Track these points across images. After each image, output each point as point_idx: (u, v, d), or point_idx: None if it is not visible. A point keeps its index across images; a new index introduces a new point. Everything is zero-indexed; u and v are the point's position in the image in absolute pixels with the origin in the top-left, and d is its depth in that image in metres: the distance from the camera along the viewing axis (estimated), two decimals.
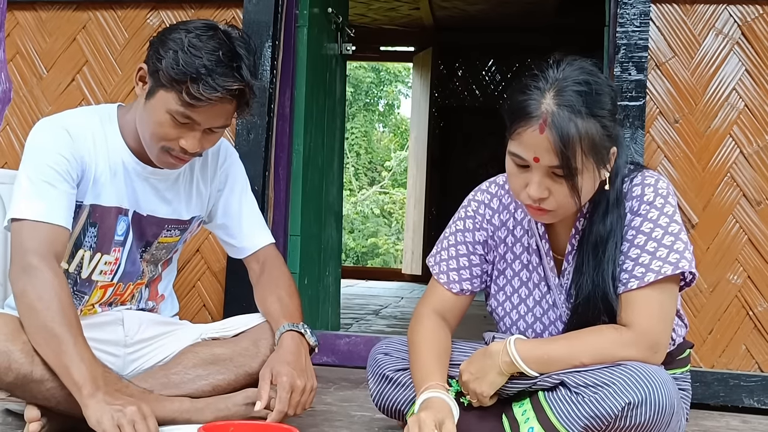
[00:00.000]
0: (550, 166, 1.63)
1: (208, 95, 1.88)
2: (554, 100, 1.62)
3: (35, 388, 1.84)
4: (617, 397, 1.59)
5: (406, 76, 15.16)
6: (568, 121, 1.60)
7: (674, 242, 1.71)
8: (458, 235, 1.96)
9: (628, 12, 2.78)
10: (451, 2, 7.39)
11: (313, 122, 3.46)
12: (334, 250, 4.00)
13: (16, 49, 3.28)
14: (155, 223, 2.14)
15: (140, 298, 2.24)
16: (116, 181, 2.07)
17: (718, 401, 2.64)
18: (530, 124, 1.63)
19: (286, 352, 1.99)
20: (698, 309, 2.72)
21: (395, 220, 14.91)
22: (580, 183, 1.64)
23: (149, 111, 1.97)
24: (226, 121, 1.99)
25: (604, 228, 1.73)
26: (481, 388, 1.76)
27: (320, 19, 3.56)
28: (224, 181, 2.25)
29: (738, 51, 2.77)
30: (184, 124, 1.94)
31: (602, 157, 1.66)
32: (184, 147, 1.96)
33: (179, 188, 2.17)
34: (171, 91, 1.91)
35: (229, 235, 2.27)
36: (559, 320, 1.85)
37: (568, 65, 1.67)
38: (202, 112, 1.92)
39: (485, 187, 1.98)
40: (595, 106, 1.63)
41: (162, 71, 1.90)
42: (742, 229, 2.73)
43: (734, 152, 2.76)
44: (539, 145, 1.62)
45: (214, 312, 3.05)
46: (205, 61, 1.88)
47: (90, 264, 2.10)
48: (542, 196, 1.66)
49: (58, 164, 1.96)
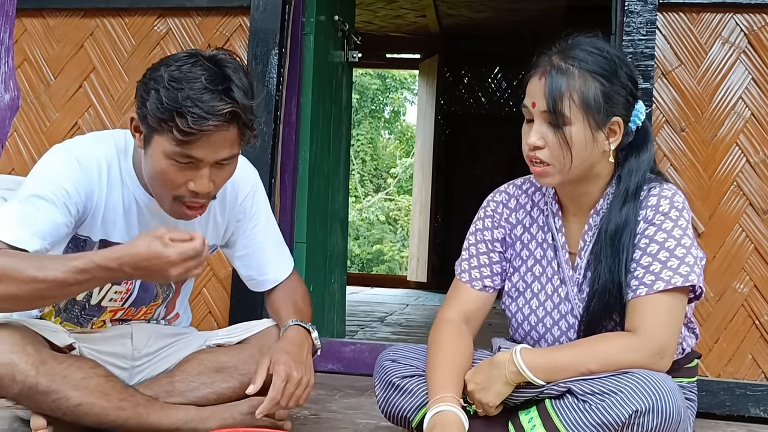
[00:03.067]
0: (542, 111, 1.76)
1: (199, 127, 1.74)
2: (559, 55, 1.79)
3: (41, 399, 1.84)
4: (625, 404, 1.59)
5: (412, 83, 15.17)
6: (564, 71, 1.75)
7: (685, 255, 1.73)
8: (478, 234, 2.01)
9: (634, 20, 2.78)
10: (457, 10, 7.40)
11: (319, 129, 3.46)
12: (340, 257, 3.99)
13: (24, 56, 3.30)
14: None
15: (157, 317, 2.23)
16: (129, 217, 2.00)
17: (725, 411, 2.63)
18: (535, 73, 1.80)
19: (289, 343, 1.99)
20: (704, 318, 2.71)
21: (401, 227, 14.90)
22: (569, 133, 1.74)
23: (150, 161, 1.85)
24: (231, 151, 1.84)
25: (621, 217, 1.78)
26: (487, 398, 1.76)
27: (327, 27, 3.57)
28: (245, 213, 2.17)
29: (744, 60, 2.77)
30: (187, 164, 1.81)
31: (595, 117, 1.75)
32: (194, 190, 1.83)
33: (194, 222, 2.05)
34: (163, 133, 1.78)
35: (247, 267, 2.23)
36: (570, 314, 1.86)
37: (583, 35, 1.82)
38: (201, 146, 1.78)
39: (503, 188, 2.04)
40: (599, 67, 1.76)
41: (149, 115, 1.78)
42: (748, 238, 2.72)
43: (741, 161, 2.75)
44: (536, 90, 1.77)
45: (220, 319, 3.05)
46: (188, 91, 1.74)
47: (99, 293, 2.07)
48: (537, 144, 1.77)
49: (57, 195, 1.86)
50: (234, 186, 2.11)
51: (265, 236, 2.21)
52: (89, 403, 1.88)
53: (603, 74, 1.76)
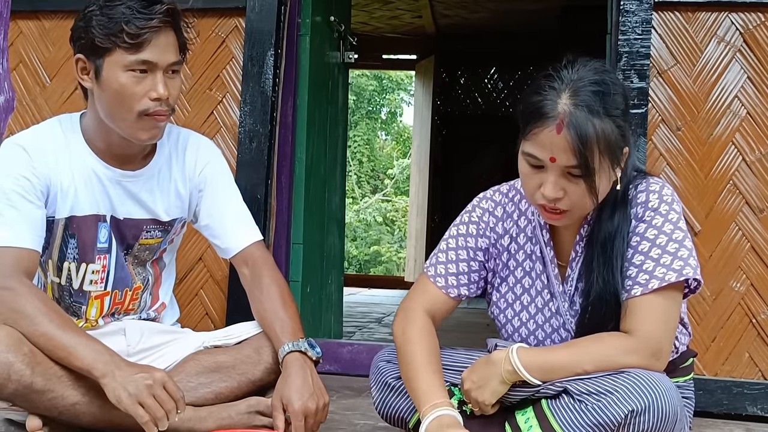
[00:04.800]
0: (566, 166, 1.64)
1: (145, 26, 1.95)
2: (571, 100, 1.63)
3: (36, 399, 1.85)
4: (621, 404, 1.58)
5: (409, 84, 15.19)
6: (586, 121, 1.61)
7: (678, 249, 1.71)
8: (460, 240, 1.95)
9: (629, 20, 2.78)
10: (453, 10, 7.40)
11: (315, 131, 3.46)
12: (337, 259, 4.00)
13: (20, 58, 3.29)
14: (133, 225, 2.15)
15: (144, 307, 2.24)
16: (89, 189, 2.08)
17: (722, 409, 2.64)
18: (546, 124, 1.63)
19: (293, 377, 1.97)
20: (701, 317, 2.72)
21: (398, 228, 14.91)
22: (597, 183, 1.65)
23: (107, 85, 2.00)
24: (176, 56, 2.03)
25: (612, 225, 1.74)
26: (483, 397, 1.75)
27: (322, 28, 3.57)
28: (205, 182, 2.23)
29: (740, 58, 2.77)
30: (143, 74, 1.98)
31: (617, 157, 1.68)
32: (157, 95, 1.98)
33: (154, 189, 2.16)
34: (114, 48, 1.96)
35: (213, 236, 2.25)
36: (562, 328, 1.85)
37: (582, 66, 1.69)
38: (151, 49, 1.97)
39: (490, 195, 1.98)
40: (611, 106, 1.65)
41: (96, 38, 1.97)
42: (744, 237, 2.73)
43: (737, 160, 2.75)
44: (556, 145, 1.63)
45: (217, 320, 3.04)
46: (126, 4, 1.96)
47: (78, 275, 2.12)
48: (558, 196, 1.67)
49: (21, 186, 1.99)
50: (193, 156, 2.23)
51: (226, 203, 2.24)
52: (85, 402, 1.89)
53: (614, 111, 1.66)
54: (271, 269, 2.19)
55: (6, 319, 1.88)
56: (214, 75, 3.14)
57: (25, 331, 1.86)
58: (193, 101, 3.14)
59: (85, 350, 1.83)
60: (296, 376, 1.97)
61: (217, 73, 3.14)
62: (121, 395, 1.77)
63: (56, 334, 1.85)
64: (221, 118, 3.12)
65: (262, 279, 2.16)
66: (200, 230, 2.30)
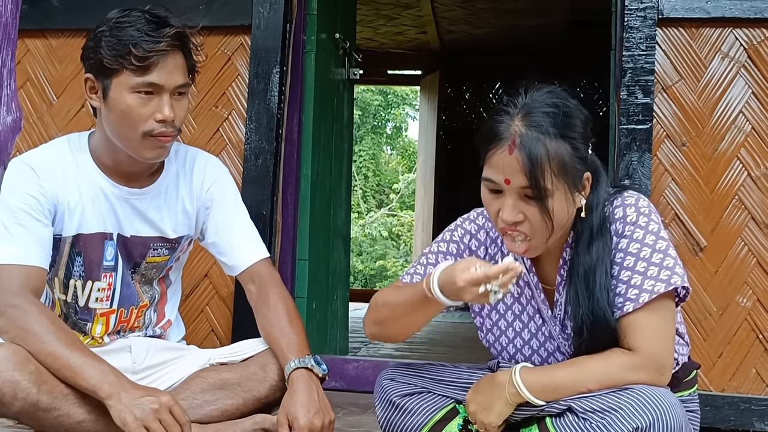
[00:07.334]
0: (520, 187, 1.65)
1: (152, 48, 1.96)
2: (522, 122, 1.65)
3: (42, 417, 1.86)
4: (625, 421, 1.58)
5: (414, 99, 15.23)
6: (536, 141, 1.62)
7: (663, 258, 1.70)
8: (439, 257, 1.95)
9: (634, 36, 2.79)
10: (458, 26, 7.43)
11: (320, 147, 3.47)
12: (342, 274, 3.99)
13: (27, 77, 3.31)
14: (140, 243, 2.16)
15: (149, 324, 2.25)
16: (96, 206, 2.10)
17: (729, 425, 2.62)
18: (500, 145, 1.66)
19: (299, 393, 1.97)
20: (707, 332, 2.71)
21: (403, 243, 14.91)
22: (551, 205, 1.65)
23: (114, 106, 2.01)
24: (183, 78, 2.04)
25: (591, 258, 1.72)
26: (489, 419, 1.74)
27: (328, 45, 3.59)
28: (212, 199, 2.24)
29: (744, 74, 2.78)
30: (149, 95, 1.99)
31: (574, 180, 1.67)
32: (162, 117, 1.99)
33: (161, 206, 2.17)
34: (121, 69, 1.98)
35: (220, 253, 2.25)
36: (558, 351, 1.84)
37: (536, 90, 1.70)
38: (158, 71, 1.98)
39: (473, 217, 1.99)
40: (565, 128, 1.65)
41: (105, 58, 1.98)
42: (750, 252, 2.72)
43: (742, 175, 2.75)
44: (509, 166, 1.64)
45: (223, 337, 3.04)
46: (135, 26, 1.97)
47: (83, 292, 2.13)
48: (516, 220, 1.67)
49: (28, 204, 2.01)
50: (201, 174, 2.24)
51: (233, 221, 2.24)
52: (91, 420, 1.90)
53: (569, 133, 1.66)
54: (277, 286, 2.20)
55: (14, 337, 1.89)
56: (219, 92, 3.15)
57: (32, 350, 1.87)
58: (199, 118, 3.15)
59: (92, 371, 1.84)
60: (302, 392, 1.97)
61: (222, 91, 3.15)
62: (127, 418, 1.77)
63: (63, 353, 1.86)
64: (227, 135, 3.13)
65: (268, 296, 2.16)
66: (207, 247, 2.30)
